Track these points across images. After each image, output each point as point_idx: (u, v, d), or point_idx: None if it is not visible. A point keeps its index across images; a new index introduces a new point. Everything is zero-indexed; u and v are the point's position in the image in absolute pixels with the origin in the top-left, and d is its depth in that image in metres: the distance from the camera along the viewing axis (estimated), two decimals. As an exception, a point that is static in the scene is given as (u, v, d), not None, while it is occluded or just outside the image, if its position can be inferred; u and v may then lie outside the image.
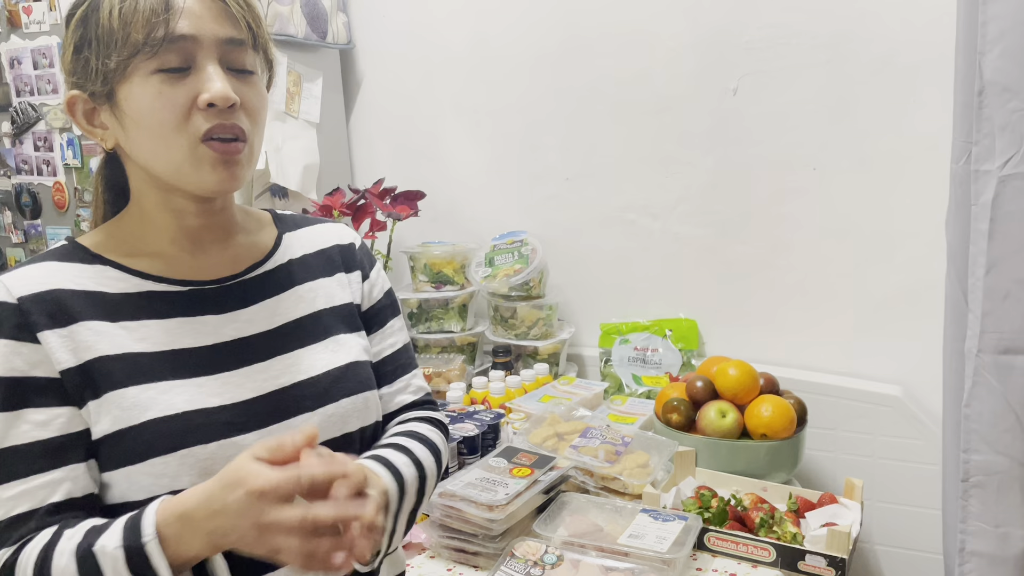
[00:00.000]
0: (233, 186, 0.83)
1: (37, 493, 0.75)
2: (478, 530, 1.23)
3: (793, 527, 1.27)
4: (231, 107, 0.79)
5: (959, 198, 1.19)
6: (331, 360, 0.91)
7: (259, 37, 0.84)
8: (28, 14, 2.06)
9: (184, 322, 0.84)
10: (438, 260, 2.02)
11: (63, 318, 0.78)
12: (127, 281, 0.84)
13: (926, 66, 1.63)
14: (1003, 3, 1.04)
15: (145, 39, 0.76)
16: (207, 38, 0.78)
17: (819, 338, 1.85)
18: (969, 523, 1.21)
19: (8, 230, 2.36)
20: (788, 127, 1.79)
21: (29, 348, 0.76)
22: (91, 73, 0.79)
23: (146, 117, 0.78)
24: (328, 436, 0.87)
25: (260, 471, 0.67)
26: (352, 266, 1.00)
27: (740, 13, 1.79)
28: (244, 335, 0.87)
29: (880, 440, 1.74)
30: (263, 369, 0.86)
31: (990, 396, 1.15)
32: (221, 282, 0.88)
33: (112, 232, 0.88)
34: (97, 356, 0.78)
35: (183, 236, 0.87)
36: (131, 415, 0.78)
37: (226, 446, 0.80)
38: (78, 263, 0.83)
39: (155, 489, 0.77)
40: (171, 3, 0.77)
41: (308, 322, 0.92)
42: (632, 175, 1.99)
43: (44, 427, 0.76)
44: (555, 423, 1.53)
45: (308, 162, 2.10)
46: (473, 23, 2.11)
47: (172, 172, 0.81)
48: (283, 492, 0.67)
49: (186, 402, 0.80)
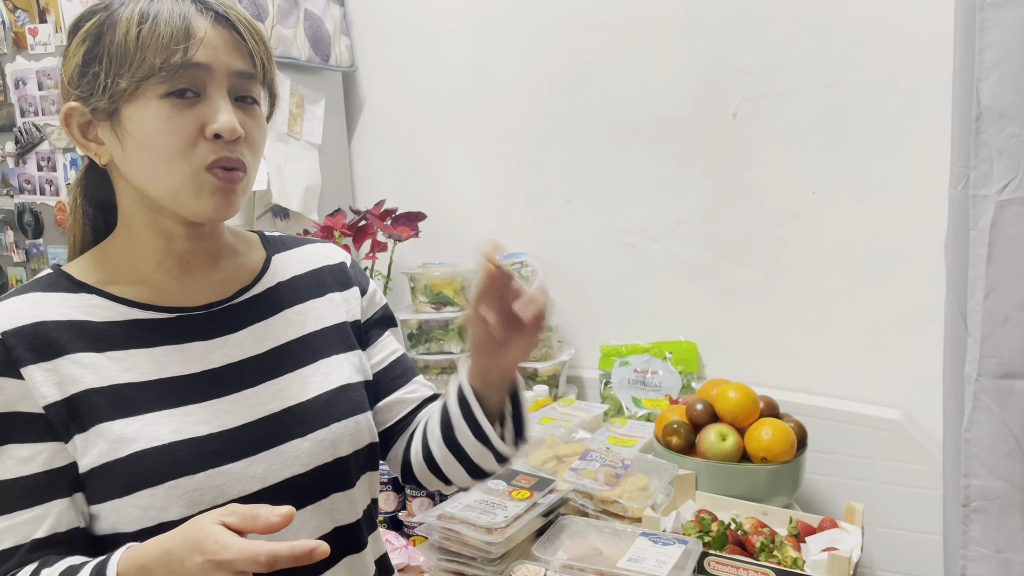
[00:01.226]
0: (228, 214, 0.83)
1: (20, 529, 0.75)
2: (477, 553, 1.23)
3: (794, 552, 1.26)
4: (236, 139, 0.79)
5: (958, 223, 1.19)
6: (322, 384, 0.90)
7: (268, 73, 0.84)
8: (34, 36, 2.08)
9: (171, 350, 0.83)
10: (438, 281, 2.03)
11: (47, 352, 0.78)
12: (113, 309, 0.83)
13: (924, 92, 1.65)
14: (1000, 31, 1.05)
15: (162, 64, 0.76)
16: (220, 69, 0.79)
17: (819, 361, 1.85)
18: (970, 548, 1.20)
19: (10, 249, 2.36)
20: (787, 151, 1.80)
21: (13, 384, 0.76)
22: (97, 89, 0.79)
23: (150, 139, 0.78)
24: (320, 461, 0.86)
25: (223, 541, 0.64)
26: (347, 283, 0.99)
27: (740, 38, 1.81)
28: (233, 360, 0.86)
29: (880, 464, 1.73)
30: (252, 395, 0.85)
31: (990, 420, 1.15)
32: (209, 308, 0.87)
33: (98, 258, 0.87)
34: (83, 389, 0.78)
35: (171, 260, 0.86)
36: (117, 448, 0.77)
37: (214, 475, 0.79)
38: (63, 292, 0.82)
39: (143, 521, 0.77)
40: (192, 32, 0.77)
41: (298, 345, 0.91)
42: (632, 198, 2.00)
43: (27, 463, 0.76)
44: (554, 445, 1.53)
45: (310, 183, 2.11)
46: (475, 47, 2.13)
47: (169, 196, 0.80)
48: (239, 568, 0.64)
49: (172, 432, 0.79)
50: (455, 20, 2.15)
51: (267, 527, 0.66)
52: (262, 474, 0.82)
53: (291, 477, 0.84)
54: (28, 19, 2.08)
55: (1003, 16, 1.04)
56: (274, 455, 0.83)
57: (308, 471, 0.85)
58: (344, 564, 0.89)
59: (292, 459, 0.84)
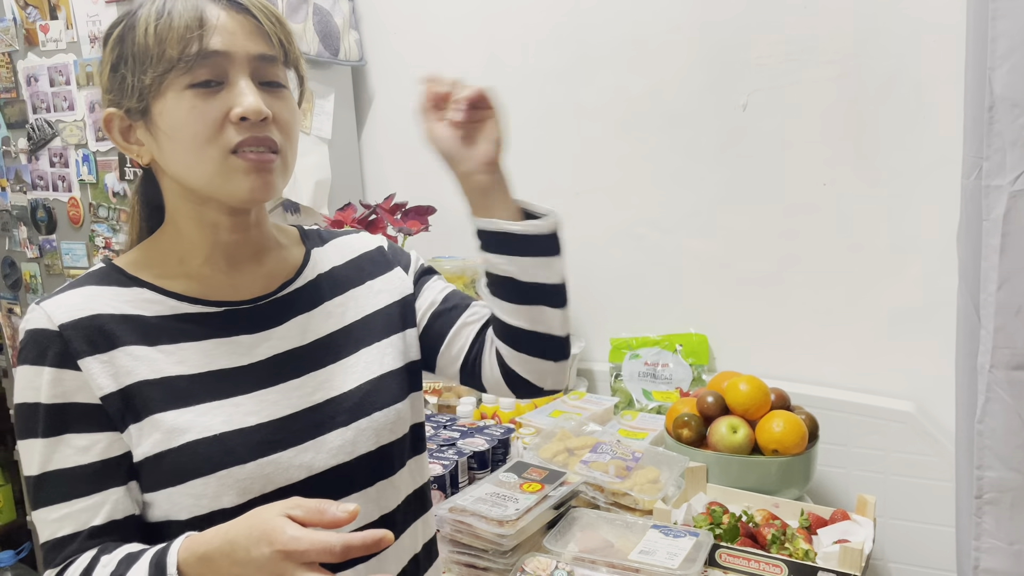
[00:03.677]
0: (266, 194, 0.83)
1: (79, 516, 0.77)
2: (488, 545, 1.23)
3: (805, 544, 1.26)
4: (263, 120, 0.80)
5: (970, 213, 1.19)
6: (364, 373, 0.92)
7: (290, 54, 0.85)
8: (45, 32, 2.09)
9: (220, 343, 0.85)
10: (449, 275, 2.03)
11: (103, 344, 0.80)
12: (163, 303, 0.85)
13: (936, 82, 1.63)
14: (1012, 19, 1.05)
15: (180, 55, 0.78)
16: (239, 54, 0.80)
17: (830, 353, 1.85)
18: (983, 540, 1.20)
19: (24, 245, 2.38)
20: (798, 142, 1.80)
21: (71, 375, 0.78)
22: (127, 90, 0.81)
23: (179, 131, 0.80)
24: (364, 450, 0.88)
25: (293, 532, 0.65)
26: (389, 266, 1.02)
27: (750, 29, 1.80)
28: (278, 352, 0.88)
29: (893, 456, 1.72)
30: (297, 386, 0.87)
31: (1003, 412, 1.15)
32: (255, 301, 0.89)
33: (148, 252, 0.89)
34: (137, 381, 0.80)
35: (218, 253, 0.88)
36: (170, 438, 0.79)
37: (264, 464, 0.81)
38: (115, 286, 0.84)
39: (196, 509, 0.79)
40: (205, 20, 0.78)
41: (339, 336, 0.93)
42: (642, 190, 2.00)
43: (85, 452, 0.78)
44: (565, 438, 1.53)
45: (320, 178, 2.12)
46: (484, 40, 2.13)
47: (205, 183, 0.82)
48: (311, 558, 0.65)
49: (223, 423, 0.81)
50: (464, 13, 2.15)
51: (333, 522, 0.66)
52: (309, 463, 0.84)
53: (337, 465, 0.86)
54: (39, 16, 2.09)
55: (1016, 4, 1.03)
56: (319, 444, 0.85)
57: (352, 460, 0.87)
58: (392, 549, 0.90)
59: (337, 448, 0.86)
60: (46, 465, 0.78)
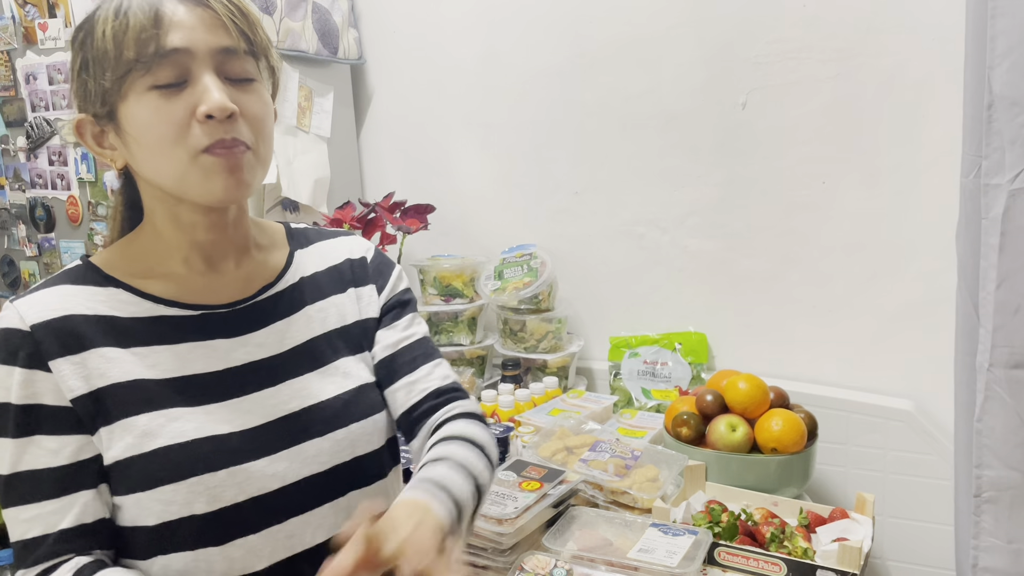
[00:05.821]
0: (241, 193, 0.81)
1: (48, 519, 0.76)
2: (487, 544, 1.23)
3: (804, 542, 1.26)
4: (230, 117, 0.77)
5: (969, 212, 1.19)
6: (341, 384, 0.90)
7: (255, 43, 0.81)
8: (44, 30, 2.09)
9: (195, 347, 0.84)
10: (448, 273, 2.03)
11: (75, 345, 0.78)
12: (139, 305, 0.83)
13: (935, 80, 1.63)
14: (1011, 18, 1.05)
15: (137, 56, 0.75)
16: (200, 49, 0.77)
17: (829, 352, 1.85)
18: (982, 539, 1.20)
19: (22, 243, 2.38)
20: (797, 141, 1.79)
21: (42, 376, 0.77)
22: (90, 95, 0.79)
23: (145, 134, 0.77)
24: (339, 460, 0.87)
25: None
26: (364, 280, 0.98)
27: (749, 28, 1.79)
28: (254, 359, 0.86)
29: (891, 455, 1.73)
30: (272, 395, 0.86)
31: (1002, 411, 1.15)
32: (233, 305, 0.88)
33: (125, 251, 0.87)
34: (109, 384, 0.79)
35: (195, 253, 0.86)
36: (141, 443, 0.78)
37: (235, 473, 0.80)
38: (91, 286, 0.83)
39: (165, 515, 0.78)
40: (160, 17, 0.75)
41: (319, 344, 0.91)
42: (641, 189, 2.00)
43: (55, 455, 0.77)
44: (564, 437, 1.53)
45: (319, 176, 2.12)
46: (483, 38, 2.12)
47: (177, 185, 0.79)
48: None
49: (195, 429, 0.80)
50: (463, 12, 2.14)
51: None
52: (282, 472, 0.83)
53: (310, 476, 0.85)
54: (38, 14, 2.09)
55: (1015, 3, 1.03)
56: (293, 454, 0.84)
57: (326, 470, 0.86)
58: None
59: (311, 458, 0.85)
60: (16, 465, 0.77)
